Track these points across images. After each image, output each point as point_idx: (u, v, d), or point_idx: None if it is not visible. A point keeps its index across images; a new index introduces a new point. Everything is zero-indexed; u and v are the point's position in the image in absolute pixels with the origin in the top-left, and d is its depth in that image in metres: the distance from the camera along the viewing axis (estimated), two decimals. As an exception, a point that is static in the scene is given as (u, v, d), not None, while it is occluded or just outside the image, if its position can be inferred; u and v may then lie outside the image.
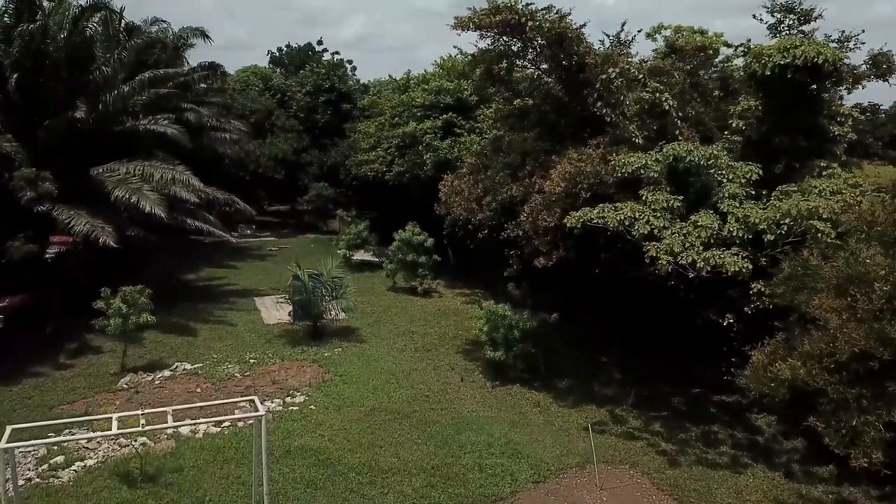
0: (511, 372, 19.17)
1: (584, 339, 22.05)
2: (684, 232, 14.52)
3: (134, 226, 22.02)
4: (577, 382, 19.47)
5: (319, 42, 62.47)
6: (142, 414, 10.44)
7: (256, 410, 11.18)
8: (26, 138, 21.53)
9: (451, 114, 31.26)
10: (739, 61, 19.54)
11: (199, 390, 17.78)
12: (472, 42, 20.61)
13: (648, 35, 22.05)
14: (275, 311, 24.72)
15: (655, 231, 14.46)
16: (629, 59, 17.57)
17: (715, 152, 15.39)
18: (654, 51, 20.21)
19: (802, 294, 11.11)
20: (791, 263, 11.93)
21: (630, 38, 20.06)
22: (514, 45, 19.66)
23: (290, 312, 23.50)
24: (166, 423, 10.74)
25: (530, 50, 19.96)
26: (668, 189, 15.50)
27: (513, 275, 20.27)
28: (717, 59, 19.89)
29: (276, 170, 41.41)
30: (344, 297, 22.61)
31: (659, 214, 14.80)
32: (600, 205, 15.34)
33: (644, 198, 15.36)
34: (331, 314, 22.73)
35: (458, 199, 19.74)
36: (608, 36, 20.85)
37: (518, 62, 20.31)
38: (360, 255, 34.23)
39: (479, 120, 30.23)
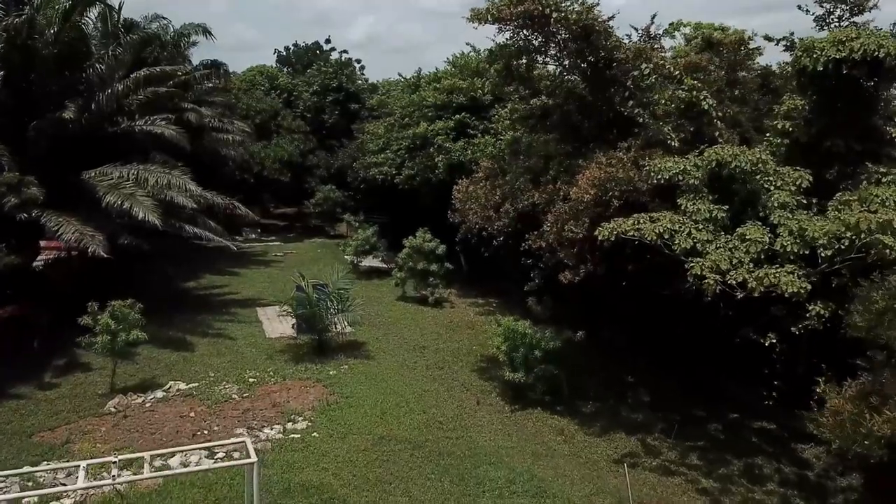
0: (531, 394, 17.66)
1: (609, 356, 20.49)
2: (730, 246, 12.96)
3: (127, 233, 20.56)
4: (604, 406, 17.95)
5: (327, 41, 61.13)
6: (115, 462, 8.97)
7: (248, 455, 9.70)
8: (14, 140, 20.18)
9: (464, 114, 29.72)
10: (776, 56, 17.91)
11: (192, 414, 16.34)
12: (488, 36, 19.17)
13: (666, 32, 20.54)
14: (278, 323, 23.26)
15: (698, 245, 12.90)
16: (663, 55, 15.99)
17: (762, 157, 13.79)
18: (684, 45, 18.56)
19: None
20: (883, 293, 10.21)
21: (660, 32, 18.49)
22: (536, 39, 18.15)
23: (293, 325, 22.12)
24: (142, 469, 9.24)
25: (553, 45, 18.43)
26: (710, 198, 13.93)
27: (533, 289, 18.72)
28: (755, 55, 18.23)
29: (282, 172, 40.02)
30: (350, 309, 21.14)
31: (701, 226, 13.25)
32: (635, 215, 13.80)
33: (683, 207, 13.81)
34: (337, 328, 21.26)
35: (474, 206, 18.23)
36: (636, 30, 19.30)
37: (539, 58, 18.79)
38: (368, 262, 32.79)
39: (494, 120, 28.66)
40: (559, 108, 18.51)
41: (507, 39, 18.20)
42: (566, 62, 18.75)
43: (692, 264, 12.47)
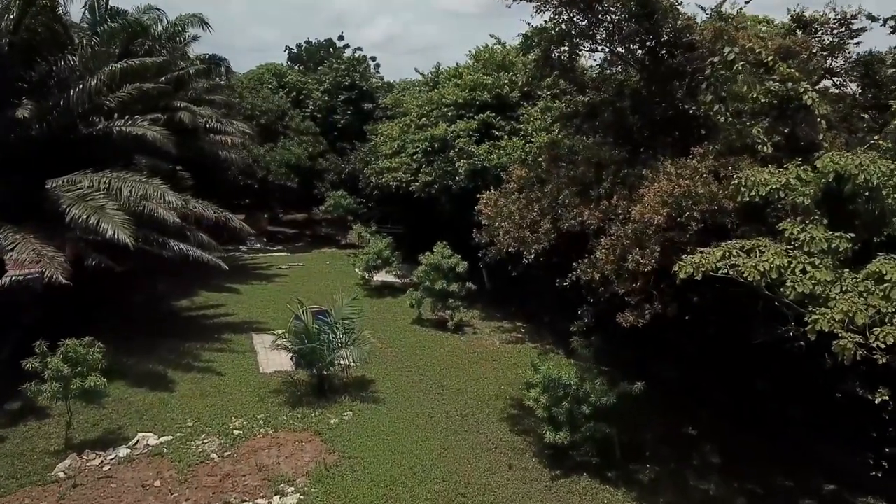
0: (576, 455, 14.36)
1: (666, 403, 17.10)
2: (861, 289, 9.56)
3: (98, 252, 17.58)
4: (664, 471, 14.60)
5: (340, 37, 57.88)
6: None
7: None
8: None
9: (488, 113, 26.41)
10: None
11: (157, 483, 13.22)
12: (523, 19, 15.89)
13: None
14: (275, 353, 20.02)
15: (817, 288, 9.52)
16: (751, 36, 12.61)
17: (896, 167, 10.37)
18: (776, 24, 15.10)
19: None
20: None
21: (736, 10, 15.04)
22: (582, 20, 14.90)
23: (292, 356, 18.97)
24: None
25: (602, 28, 15.18)
26: (824, 221, 10.53)
27: (581, 329, 15.39)
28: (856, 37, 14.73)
29: (289, 177, 36.99)
30: (357, 342, 17.94)
31: (818, 261, 9.86)
32: (724, 245, 10.45)
33: (788, 234, 10.41)
34: (341, 362, 18.05)
35: (506, 224, 14.93)
36: (703, 9, 15.83)
37: (585, 44, 15.52)
38: (380, 277, 29.66)
39: (524, 120, 25.43)
40: (610, 106, 15.18)
41: (546, 22, 15.00)
42: (618, 49, 15.46)
43: (815, 316, 9.09)
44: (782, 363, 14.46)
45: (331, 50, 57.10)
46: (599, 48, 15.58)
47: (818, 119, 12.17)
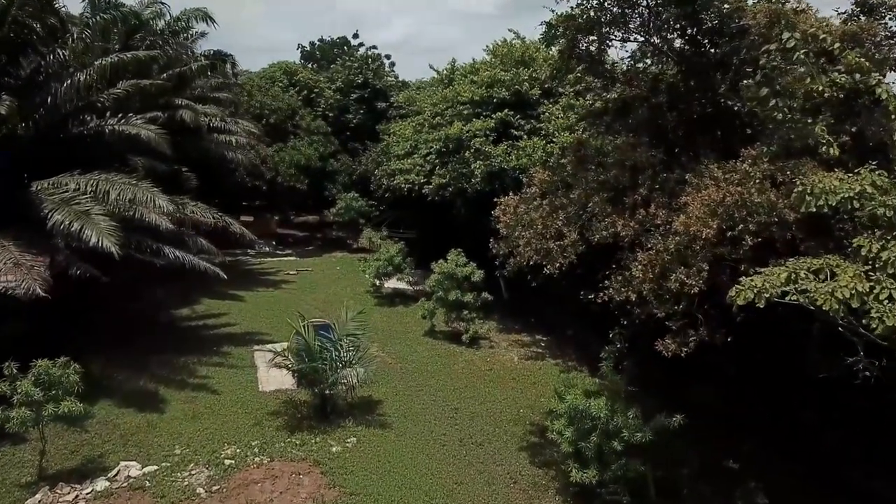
0: (604, 493, 12.77)
1: (704, 433, 15.40)
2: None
3: (83, 261, 16.24)
4: (705, 513, 12.96)
5: (355, 35, 56.54)
6: None
7: None
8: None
9: (506, 111, 24.79)
10: None
11: (135, 525, 11.83)
12: (547, 6, 14.29)
13: None
14: (276, 370, 18.61)
15: (907, 319, 7.87)
16: (812, 20, 10.95)
17: None
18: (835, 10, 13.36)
19: None
20: None
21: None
22: (613, 6, 13.30)
23: (293, 374, 17.52)
24: None
25: (636, 14, 13.58)
26: (908, 237, 8.86)
27: (613, 354, 13.75)
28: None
29: (299, 178, 35.60)
30: (362, 360, 16.44)
31: (906, 285, 8.21)
32: (789, 264, 8.82)
33: (865, 252, 8.76)
34: (346, 381, 16.54)
35: (527, 233, 13.35)
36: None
37: (616, 33, 13.92)
38: (392, 284, 28.16)
39: (544, 119, 23.81)
40: (644, 102, 13.57)
41: (572, 9, 13.43)
42: (654, 39, 13.83)
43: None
44: (841, 393, 12.77)
45: (345, 48, 55.80)
46: (632, 37, 13.95)
47: (893, 116, 10.47)
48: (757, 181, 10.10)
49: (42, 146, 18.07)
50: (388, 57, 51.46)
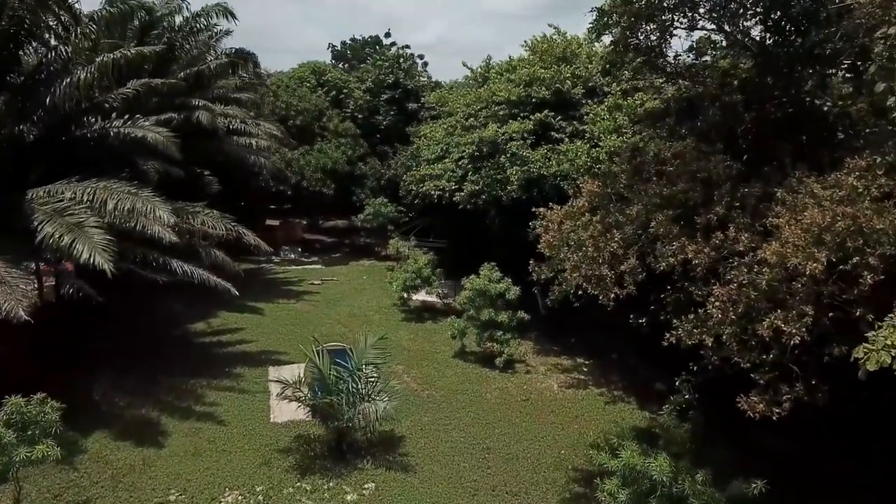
0: (664, 567, 10.67)
1: (782, 485, 13.15)
2: None
3: (78, 278, 14.75)
4: None
5: (387, 35, 54.88)
6: None
7: None
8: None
9: (546, 112, 22.71)
10: None
11: None
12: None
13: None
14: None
15: None
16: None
17: None
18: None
19: None
20: None
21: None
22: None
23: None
24: None
25: (703, 1, 11.47)
26: None
27: (679, 403, 11.63)
28: None
29: (325, 183, 34.00)
30: (382, 393, 14.57)
31: None
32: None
33: None
34: (364, 415, 14.68)
35: (575, 256, 11.31)
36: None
37: (680, 21, 11.82)
38: (420, 297, 26.33)
39: (587, 121, 21.68)
40: (715, 101, 11.44)
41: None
42: (726, 26, 11.70)
43: None
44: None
45: (376, 47, 54.19)
46: (700, 25, 11.82)
47: None
48: (875, 201, 7.94)
49: (42, 150, 16.69)
50: (420, 57, 49.61)
